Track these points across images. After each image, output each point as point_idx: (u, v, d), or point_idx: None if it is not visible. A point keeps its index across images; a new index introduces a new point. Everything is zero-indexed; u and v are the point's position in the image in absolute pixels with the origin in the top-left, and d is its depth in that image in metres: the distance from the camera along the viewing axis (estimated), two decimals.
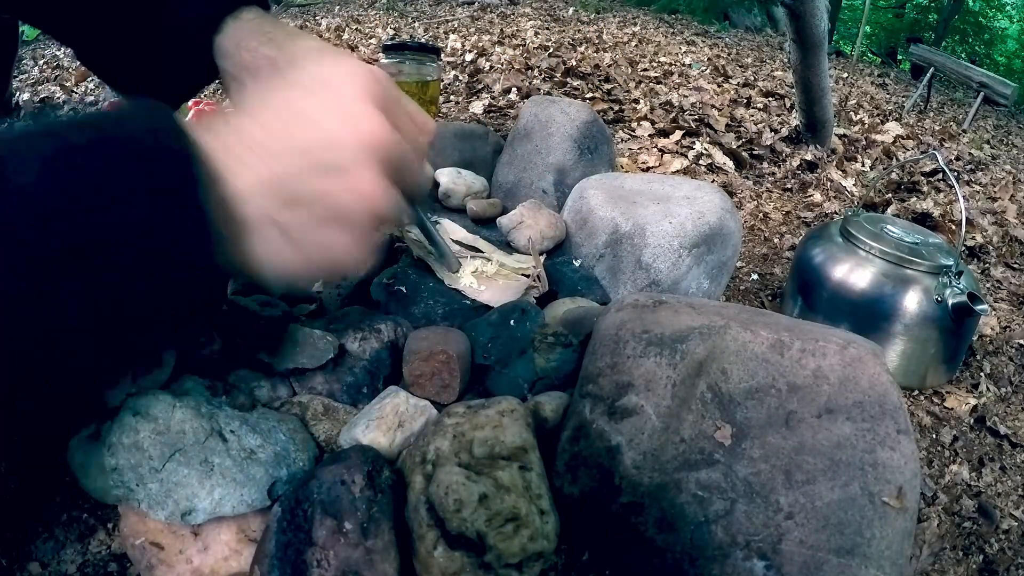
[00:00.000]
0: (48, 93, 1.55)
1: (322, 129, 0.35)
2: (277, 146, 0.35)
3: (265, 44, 0.49)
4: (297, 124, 0.35)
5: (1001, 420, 0.73)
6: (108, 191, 0.29)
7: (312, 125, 0.35)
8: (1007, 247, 1.22)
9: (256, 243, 0.35)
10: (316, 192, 0.35)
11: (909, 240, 0.76)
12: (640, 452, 0.42)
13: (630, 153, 1.40)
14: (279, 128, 0.35)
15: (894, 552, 0.38)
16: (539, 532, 0.37)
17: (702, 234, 0.66)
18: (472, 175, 0.85)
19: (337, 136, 0.35)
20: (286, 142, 0.35)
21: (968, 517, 0.61)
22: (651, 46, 2.97)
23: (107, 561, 0.41)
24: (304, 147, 0.35)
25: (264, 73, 0.49)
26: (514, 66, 2.00)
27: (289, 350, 0.48)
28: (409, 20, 3.18)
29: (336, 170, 0.35)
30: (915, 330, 0.72)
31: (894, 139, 1.87)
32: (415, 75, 1.09)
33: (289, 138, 0.35)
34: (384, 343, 0.51)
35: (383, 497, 0.38)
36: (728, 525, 0.39)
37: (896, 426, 0.40)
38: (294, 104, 0.36)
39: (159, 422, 0.38)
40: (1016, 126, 3.86)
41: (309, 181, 0.35)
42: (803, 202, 1.31)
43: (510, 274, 0.65)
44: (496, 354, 0.53)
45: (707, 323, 0.44)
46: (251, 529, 0.39)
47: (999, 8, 11.76)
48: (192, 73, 0.55)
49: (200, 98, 1.27)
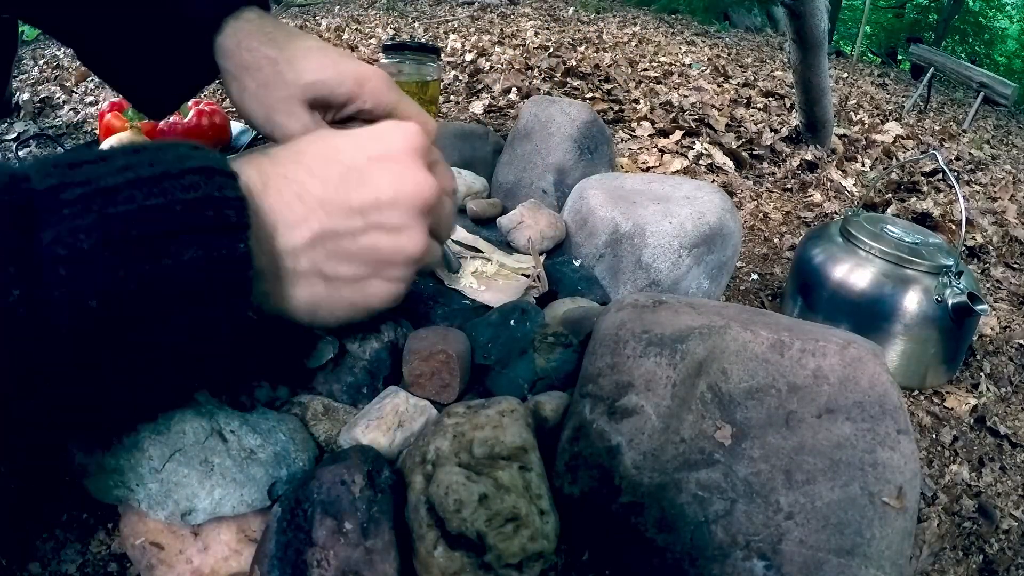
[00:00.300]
0: (48, 93, 1.55)
1: (379, 189, 0.36)
2: (334, 204, 0.36)
3: (266, 44, 0.49)
4: (353, 182, 0.36)
5: (1001, 420, 0.73)
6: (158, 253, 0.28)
7: (369, 184, 0.36)
8: (1007, 247, 1.22)
9: (299, 291, 0.37)
10: (367, 248, 0.37)
11: (909, 240, 0.76)
12: (640, 452, 0.42)
13: (630, 153, 1.40)
14: (336, 185, 0.36)
15: (894, 552, 0.38)
16: (539, 532, 0.37)
17: (702, 234, 0.66)
18: (472, 175, 0.85)
19: (392, 197, 0.37)
20: (343, 200, 0.36)
21: (968, 517, 0.61)
22: (651, 46, 2.97)
23: (107, 561, 0.41)
24: (361, 207, 0.36)
25: (265, 72, 0.49)
26: (514, 66, 2.00)
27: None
28: (409, 20, 3.18)
29: (388, 228, 0.37)
30: (915, 330, 0.72)
31: (894, 139, 1.87)
32: (415, 75, 1.09)
33: (346, 196, 0.36)
34: (384, 343, 0.51)
35: (383, 497, 0.38)
36: (728, 525, 0.39)
37: (896, 426, 0.40)
38: (349, 159, 0.37)
39: (159, 422, 0.38)
40: (1016, 126, 3.86)
41: (362, 238, 0.37)
42: (803, 202, 1.31)
43: (510, 274, 0.65)
44: (496, 354, 0.53)
45: (707, 323, 0.44)
46: (251, 529, 0.39)
47: (999, 8, 11.76)
48: (193, 73, 0.55)
49: (200, 98, 1.27)
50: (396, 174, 0.37)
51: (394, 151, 0.38)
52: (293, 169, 0.36)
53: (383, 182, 0.37)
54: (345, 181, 0.36)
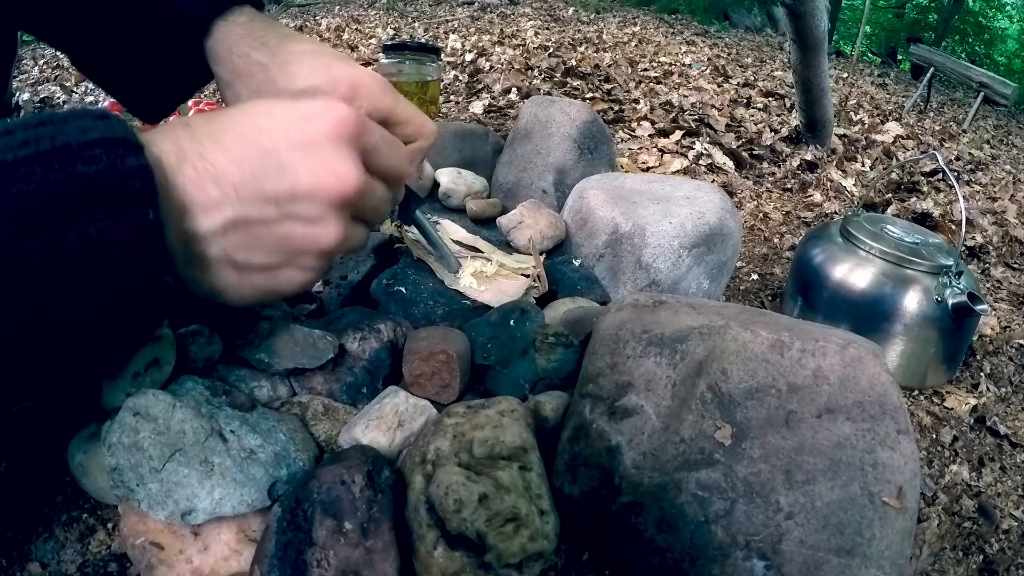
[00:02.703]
0: (48, 93, 1.55)
1: (295, 179, 0.34)
2: (249, 191, 0.34)
3: (257, 49, 0.48)
4: (270, 169, 0.34)
5: (1001, 420, 0.73)
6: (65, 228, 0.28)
7: (285, 173, 0.34)
8: (1007, 247, 1.22)
9: (207, 276, 0.35)
10: (281, 237, 0.35)
11: (909, 240, 0.76)
12: (640, 452, 0.42)
13: (630, 153, 1.40)
14: (253, 171, 0.34)
15: (894, 552, 0.38)
16: (539, 532, 0.37)
17: (702, 234, 0.66)
18: (472, 175, 0.85)
19: (309, 189, 0.34)
20: (257, 187, 0.34)
21: (968, 517, 0.61)
22: (651, 46, 2.97)
23: (107, 561, 0.41)
24: (276, 196, 0.34)
25: (257, 79, 0.48)
26: (514, 66, 2.00)
27: (289, 350, 0.48)
28: (409, 20, 3.18)
29: (304, 220, 0.35)
30: (915, 330, 0.72)
31: (894, 139, 1.87)
32: (415, 75, 1.09)
33: (261, 183, 0.34)
34: (384, 343, 0.51)
35: (383, 497, 0.38)
36: (728, 525, 0.39)
37: (896, 426, 0.40)
38: (269, 143, 0.34)
39: (159, 422, 0.38)
40: (1016, 126, 3.86)
41: (276, 228, 0.35)
42: (803, 202, 1.31)
43: (510, 274, 0.65)
44: (496, 354, 0.53)
45: (707, 323, 0.44)
46: (251, 529, 0.39)
47: (999, 8, 11.76)
48: (185, 77, 0.54)
49: (199, 98, 1.27)
50: (317, 163, 0.34)
51: (319, 137, 0.35)
52: (211, 148, 0.33)
53: (302, 171, 0.34)
54: (263, 167, 0.34)
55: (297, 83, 0.47)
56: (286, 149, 0.34)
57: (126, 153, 0.29)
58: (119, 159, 0.29)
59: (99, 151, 0.29)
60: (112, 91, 0.56)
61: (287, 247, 0.36)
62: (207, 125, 0.34)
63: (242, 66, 0.48)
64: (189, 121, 0.34)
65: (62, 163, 0.28)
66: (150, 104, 0.57)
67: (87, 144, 0.29)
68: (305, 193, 0.34)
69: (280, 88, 0.47)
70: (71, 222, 0.28)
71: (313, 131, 0.34)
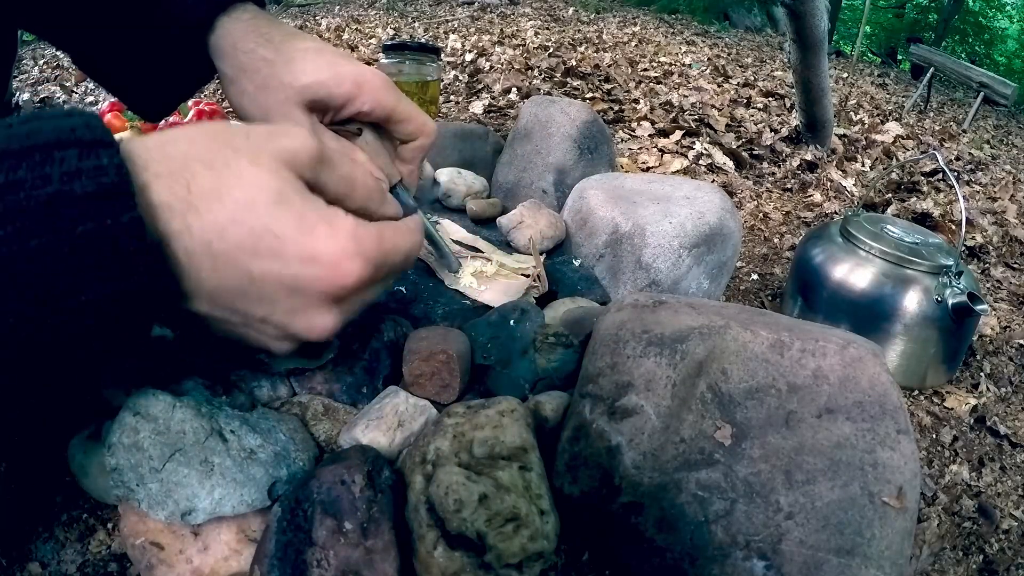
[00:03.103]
0: (48, 93, 1.55)
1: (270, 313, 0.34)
2: (221, 301, 0.33)
3: (262, 46, 0.48)
4: (251, 295, 0.33)
5: (1001, 420, 0.73)
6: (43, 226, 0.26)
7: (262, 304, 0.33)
8: (1007, 247, 1.22)
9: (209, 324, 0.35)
10: (239, 334, 0.35)
11: (909, 240, 0.76)
12: (640, 452, 0.42)
13: (630, 153, 1.40)
14: (232, 289, 0.32)
15: (894, 552, 0.38)
16: (539, 532, 0.37)
17: (702, 234, 0.66)
18: (472, 175, 0.85)
19: (279, 323, 0.34)
20: (231, 303, 0.33)
21: (968, 517, 0.61)
22: (651, 46, 2.97)
23: (107, 561, 0.41)
24: (245, 315, 0.34)
25: (263, 75, 0.48)
26: (514, 66, 2.00)
27: None
28: (409, 20, 3.18)
29: (263, 334, 0.35)
30: (915, 330, 0.72)
31: (894, 139, 1.87)
32: (415, 75, 1.09)
33: (237, 302, 0.33)
34: (384, 343, 0.51)
35: (383, 497, 0.38)
36: (728, 525, 0.39)
37: (896, 426, 0.40)
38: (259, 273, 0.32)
39: (159, 422, 0.38)
40: (1016, 126, 3.86)
41: (236, 328, 0.35)
42: (803, 202, 1.31)
43: (510, 274, 0.65)
44: (496, 354, 0.53)
45: (707, 323, 0.44)
46: (251, 529, 0.39)
47: (999, 8, 11.76)
48: (187, 75, 0.54)
49: (200, 98, 1.27)
50: (297, 309, 0.34)
51: (310, 291, 0.33)
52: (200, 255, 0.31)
53: (279, 311, 0.34)
54: (244, 291, 0.33)
55: (302, 80, 0.47)
56: (272, 284, 0.32)
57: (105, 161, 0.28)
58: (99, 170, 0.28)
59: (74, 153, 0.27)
60: (113, 90, 0.56)
61: (247, 342, 0.36)
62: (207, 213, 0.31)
63: (247, 62, 0.48)
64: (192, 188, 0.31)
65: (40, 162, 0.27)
66: (151, 103, 0.57)
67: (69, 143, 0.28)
68: (274, 324, 0.34)
69: (285, 84, 0.47)
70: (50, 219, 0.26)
71: (303, 281, 0.33)
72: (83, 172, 0.27)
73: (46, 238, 0.26)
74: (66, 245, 0.27)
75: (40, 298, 0.27)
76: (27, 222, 0.26)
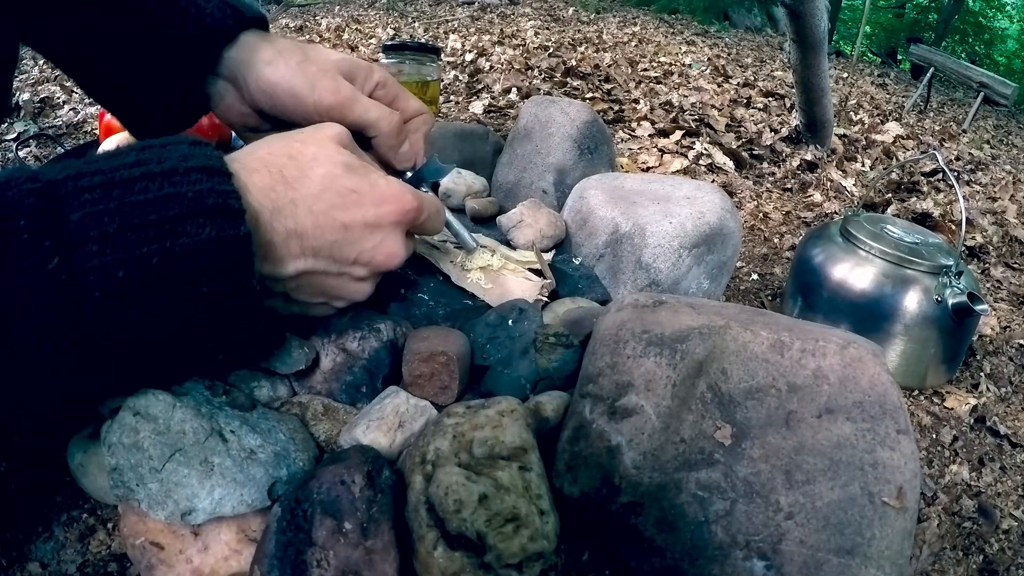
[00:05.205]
0: (48, 93, 1.55)
1: (360, 252, 0.44)
2: (324, 253, 0.42)
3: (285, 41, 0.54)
4: (344, 241, 0.43)
5: (1001, 420, 0.73)
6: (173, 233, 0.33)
7: (354, 246, 0.43)
8: (1007, 247, 1.22)
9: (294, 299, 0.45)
10: (332, 286, 0.45)
11: (909, 240, 0.76)
12: (640, 452, 0.42)
13: (630, 153, 1.40)
14: (331, 240, 0.42)
15: (894, 552, 0.38)
16: (539, 532, 0.37)
17: (702, 234, 0.66)
18: (472, 175, 0.85)
19: (367, 259, 0.45)
20: (331, 252, 0.43)
21: (968, 517, 0.61)
22: (651, 46, 2.97)
23: (107, 561, 0.41)
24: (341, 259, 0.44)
25: (301, 52, 0.54)
26: (514, 66, 2.00)
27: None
28: (409, 20, 3.18)
29: (353, 278, 0.45)
30: (915, 330, 0.72)
31: (894, 139, 1.87)
32: (415, 75, 1.09)
33: (335, 250, 0.43)
34: (384, 343, 0.51)
35: (383, 497, 0.38)
36: (728, 525, 0.39)
37: (896, 426, 0.40)
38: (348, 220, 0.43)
39: (159, 422, 0.38)
40: (1016, 126, 3.86)
41: (332, 280, 0.45)
42: (803, 202, 1.31)
43: (517, 268, 0.65)
44: (496, 354, 0.53)
45: (707, 323, 0.44)
46: (251, 529, 0.39)
47: (999, 8, 11.77)
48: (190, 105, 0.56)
49: None
50: (379, 242, 0.44)
51: (385, 222, 0.44)
52: (303, 214, 0.41)
53: (367, 247, 0.44)
54: (338, 239, 0.43)
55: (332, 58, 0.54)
56: (359, 227, 0.43)
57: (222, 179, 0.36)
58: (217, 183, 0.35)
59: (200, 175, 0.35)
60: (120, 117, 0.57)
61: (333, 294, 0.46)
62: (303, 188, 0.41)
63: (286, 45, 0.54)
64: (285, 175, 0.41)
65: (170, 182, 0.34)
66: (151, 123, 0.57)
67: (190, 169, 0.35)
68: (364, 262, 0.45)
69: (321, 59, 0.53)
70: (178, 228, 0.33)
71: (382, 216, 0.44)
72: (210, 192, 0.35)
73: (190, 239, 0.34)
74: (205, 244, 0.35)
75: (196, 282, 0.35)
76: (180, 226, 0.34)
